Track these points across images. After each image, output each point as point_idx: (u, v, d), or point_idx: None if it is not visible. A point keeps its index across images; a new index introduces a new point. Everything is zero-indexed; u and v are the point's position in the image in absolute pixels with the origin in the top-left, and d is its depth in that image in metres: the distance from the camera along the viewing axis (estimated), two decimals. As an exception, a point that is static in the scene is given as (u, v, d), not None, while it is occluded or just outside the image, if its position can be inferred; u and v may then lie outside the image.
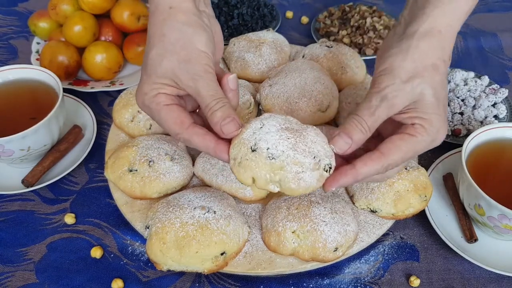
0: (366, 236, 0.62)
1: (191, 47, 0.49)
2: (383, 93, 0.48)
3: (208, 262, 0.56)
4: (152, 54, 0.50)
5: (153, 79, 0.50)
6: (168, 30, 0.50)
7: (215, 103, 0.48)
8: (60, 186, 0.74)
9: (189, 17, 0.50)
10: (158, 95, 0.50)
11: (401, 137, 0.49)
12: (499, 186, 0.62)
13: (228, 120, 0.48)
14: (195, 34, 0.50)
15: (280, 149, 0.47)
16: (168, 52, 0.49)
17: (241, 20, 1.00)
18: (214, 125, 0.48)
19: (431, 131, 0.48)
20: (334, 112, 0.73)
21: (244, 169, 0.48)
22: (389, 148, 0.48)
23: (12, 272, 0.64)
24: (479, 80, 0.85)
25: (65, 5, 0.90)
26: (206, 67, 0.49)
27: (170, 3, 0.50)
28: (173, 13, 0.50)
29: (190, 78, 0.49)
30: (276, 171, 0.47)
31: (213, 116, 0.48)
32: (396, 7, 1.09)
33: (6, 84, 0.75)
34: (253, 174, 0.47)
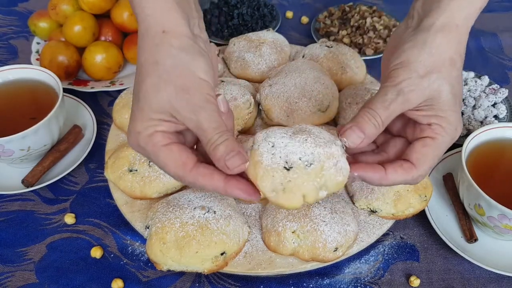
0: (366, 236, 0.62)
1: (189, 75, 0.44)
2: (399, 87, 0.46)
3: (208, 262, 0.56)
4: (145, 85, 0.45)
5: (147, 114, 0.45)
6: (162, 57, 0.44)
7: (217, 137, 0.44)
8: (60, 186, 0.74)
9: (184, 42, 0.45)
10: (154, 134, 0.45)
11: (424, 143, 0.47)
12: (499, 186, 0.62)
13: (232, 154, 0.43)
14: (193, 61, 0.45)
15: (309, 152, 0.44)
16: (164, 81, 0.44)
17: (241, 20, 1.00)
18: (217, 161, 0.44)
19: (450, 129, 0.47)
20: (334, 112, 0.73)
21: (293, 193, 0.43)
22: (417, 158, 0.47)
23: (12, 272, 0.64)
24: (479, 80, 0.85)
25: (65, 5, 0.90)
26: (207, 97, 0.45)
27: (163, 27, 0.45)
28: (166, 38, 0.45)
29: (191, 110, 0.44)
30: (320, 174, 0.44)
31: (215, 151, 0.44)
32: (396, 7, 1.09)
33: (6, 84, 0.75)
34: (303, 192, 0.44)
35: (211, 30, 1.01)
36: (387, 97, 0.46)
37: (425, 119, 0.47)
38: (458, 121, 0.48)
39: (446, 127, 0.47)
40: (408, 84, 0.46)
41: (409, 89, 0.46)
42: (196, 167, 0.45)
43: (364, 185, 0.64)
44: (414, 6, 0.51)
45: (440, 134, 0.47)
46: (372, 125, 0.46)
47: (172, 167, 0.45)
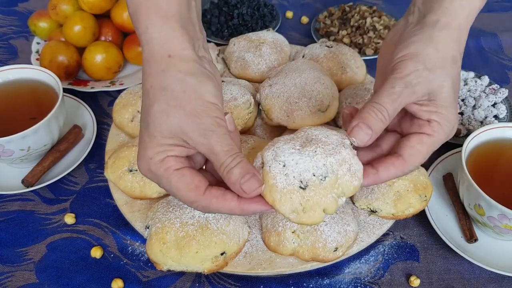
0: (366, 236, 0.62)
1: (198, 99, 0.44)
2: (408, 79, 0.46)
3: (208, 262, 0.56)
4: (154, 111, 0.44)
5: (158, 140, 0.44)
6: (170, 83, 0.44)
7: (231, 160, 0.43)
8: (60, 186, 0.74)
9: (191, 66, 0.45)
10: (166, 159, 0.44)
11: (420, 139, 0.47)
12: (499, 186, 0.62)
13: (247, 177, 0.43)
14: (201, 84, 0.44)
15: (320, 165, 0.44)
16: (173, 107, 0.43)
17: (241, 20, 1.00)
18: (232, 184, 0.43)
19: (447, 127, 0.48)
20: (334, 112, 0.73)
21: (313, 210, 0.44)
22: (410, 154, 0.47)
23: (12, 272, 0.64)
24: (479, 80, 0.85)
25: (65, 5, 0.90)
26: (218, 120, 0.44)
27: (168, 51, 0.44)
28: (172, 63, 0.44)
29: (201, 134, 0.43)
30: (335, 185, 0.44)
31: (230, 174, 0.43)
32: (396, 7, 1.09)
33: (6, 84, 0.75)
34: (323, 207, 0.44)
35: (211, 30, 1.01)
36: (394, 89, 0.46)
37: (426, 114, 0.47)
38: (455, 119, 0.48)
39: (444, 125, 0.47)
40: (416, 76, 0.46)
41: (416, 81, 0.46)
42: (209, 189, 0.45)
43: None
44: (415, 2, 0.52)
45: (437, 131, 0.47)
46: (379, 120, 0.46)
47: (185, 190, 0.44)
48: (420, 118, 0.48)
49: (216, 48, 0.88)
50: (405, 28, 0.51)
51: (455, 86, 0.48)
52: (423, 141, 0.47)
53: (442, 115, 0.47)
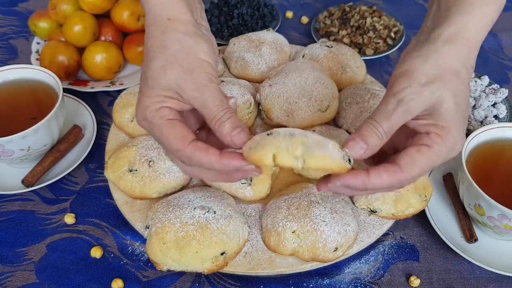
0: (366, 236, 0.62)
1: (193, 57, 0.48)
2: (400, 96, 0.45)
3: (208, 262, 0.56)
4: (153, 66, 0.48)
5: (156, 91, 0.48)
6: (169, 41, 0.48)
7: (222, 113, 0.46)
8: (60, 186, 0.74)
9: (188, 28, 0.49)
10: (161, 109, 0.48)
11: (418, 149, 0.45)
12: (499, 186, 0.62)
13: (238, 130, 0.46)
14: (196, 44, 0.49)
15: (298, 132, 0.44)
16: (170, 63, 0.47)
17: (241, 20, 1.00)
18: (224, 136, 0.46)
19: (448, 141, 0.45)
20: (334, 112, 0.73)
21: (263, 148, 0.43)
22: (406, 162, 0.45)
23: (12, 272, 0.64)
24: (479, 80, 0.85)
25: (65, 5, 0.90)
26: (210, 77, 0.48)
27: (168, 15, 0.49)
28: (172, 25, 0.49)
29: (195, 89, 0.47)
30: (297, 144, 0.43)
31: (222, 127, 0.46)
32: (396, 7, 1.09)
33: (6, 84, 0.75)
34: (274, 150, 0.43)
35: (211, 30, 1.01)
36: (388, 107, 0.46)
37: (424, 127, 0.46)
38: (458, 134, 0.46)
39: (444, 137, 0.45)
40: (409, 93, 0.45)
41: (409, 98, 0.45)
42: (195, 142, 0.47)
43: (364, 185, 0.64)
44: (425, 23, 0.51)
45: (436, 143, 0.45)
46: (375, 135, 0.46)
47: (173, 139, 0.47)
48: (419, 132, 0.47)
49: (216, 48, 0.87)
50: (413, 47, 0.50)
51: (458, 100, 0.45)
52: (422, 151, 0.45)
53: (442, 128, 0.45)
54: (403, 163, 0.45)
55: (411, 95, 0.45)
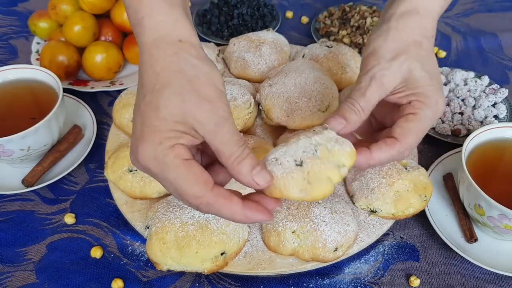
0: (366, 236, 0.62)
1: (211, 86, 0.42)
2: (371, 74, 0.48)
3: (208, 262, 0.56)
4: (167, 94, 0.41)
5: (169, 124, 0.41)
6: (185, 66, 0.42)
7: (241, 150, 0.41)
8: (60, 186, 0.74)
9: (200, 53, 0.44)
10: (176, 147, 0.41)
11: (406, 118, 0.48)
12: (499, 186, 0.62)
13: (259, 169, 0.41)
14: (213, 72, 0.43)
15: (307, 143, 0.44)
16: (187, 91, 0.41)
17: (241, 20, 1.00)
18: (243, 176, 0.41)
19: (430, 103, 0.48)
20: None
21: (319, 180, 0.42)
22: (400, 132, 0.47)
23: (12, 272, 0.64)
24: (479, 80, 0.85)
25: (65, 5, 0.90)
26: (229, 109, 0.43)
27: (178, 36, 0.43)
28: (184, 48, 0.43)
29: (216, 123, 0.41)
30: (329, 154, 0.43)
31: (241, 166, 0.41)
32: (396, 7, 1.09)
33: (6, 84, 0.75)
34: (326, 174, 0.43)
35: (211, 30, 1.01)
36: (361, 85, 0.49)
37: (404, 99, 0.49)
38: (438, 94, 0.49)
39: (424, 101, 0.48)
40: (379, 69, 0.48)
41: (380, 74, 0.48)
42: (217, 187, 0.42)
43: (364, 185, 0.64)
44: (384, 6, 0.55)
45: (420, 108, 0.48)
46: (352, 112, 0.48)
47: (193, 183, 0.41)
48: (401, 103, 0.49)
49: (216, 48, 0.88)
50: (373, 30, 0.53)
51: (426, 67, 0.49)
52: (409, 119, 0.48)
53: (419, 94, 0.48)
54: (397, 134, 0.48)
55: (381, 71, 0.48)
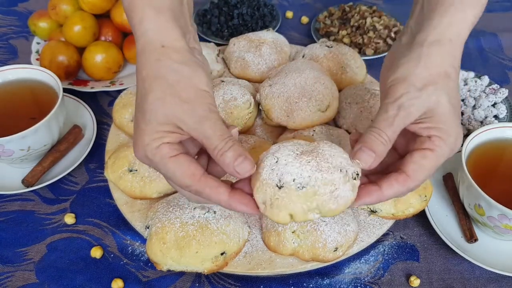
0: (366, 236, 0.62)
1: (191, 88, 0.46)
2: (399, 102, 0.46)
3: (208, 262, 0.56)
4: (150, 99, 0.46)
5: (154, 126, 0.46)
6: (165, 72, 0.46)
7: (223, 143, 0.45)
8: (60, 186, 0.74)
9: (184, 56, 0.47)
10: (161, 147, 0.46)
11: (423, 154, 0.47)
12: (499, 186, 0.62)
13: (240, 160, 0.45)
14: (194, 73, 0.46)
15: (305, 175, 0.45)
16: (169, 95, 0.45)
17: (241, 20, 1.00)
18: (226, 166, 0.45)
19: (450, 141, 0.47)
20: (334, 112, 0.73)
21: (278, 209, 0.45)
22: (414, 169, 0.47)
23: (12, 272, 0.64)
24: (479, 80, 0.85)
25: (65, 5, 0.90)
26: (211, 107, 0.46)
27: (162, 42, 0.46)
28: (166, 52, 0.46)
29: (196, 121, 0.45)
30: (310, 198, 0.45)
31: (224, 157, 0.45)
32: (396, 7, 1.09)
33: (6, 84, 0.75)
34: (289, 211, 0.45)
35: (211, 30, 1.01)
36: (388, 114, 0.47)
37: (425, 131, 0.47)
38: (458, 131, 0.48)
39: (446, 139, 0.47)
40: (408, 98, 0.46)
41: (409, 103, 0.46)
42: (205, 177, 0.46)
43: (364, 185, 0.64)
44: (408, 23, 0.52)
45: (439, 146, 0.47)
46: (380, 143, 0.46)
47: (181, 176, 0.46)
48: (421, 135, 0.48)
49: (216, 48, 0.88)
50: (398, 49, 0.52)
51: (452, 101, 0.47)
52: (426, 156, 0.47)
53: (442, 130, 0.47)
54: (410, 171, 0.47)
55: (410, 100, 0.46)
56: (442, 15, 0.48)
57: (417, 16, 0.51)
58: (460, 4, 0.48)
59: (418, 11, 0.51)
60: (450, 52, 0.48)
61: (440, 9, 0.48)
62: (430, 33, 0.48)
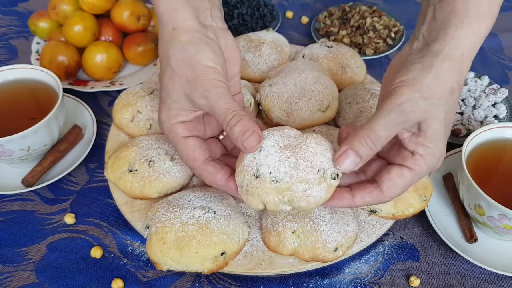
0: (366, 236, 0.62)
1: (196, 65, 0.49)
2: (403, 107, 0.46)
3: (208, 262, 0.56)
4: (164, 79, 0.51)
5: (168, 104, 0.51)
6: (173, 52, 0.50)
7: (231, 116, 0.47)
8: (60, 186, 0.74)
9: (191, 35, 0.50)
10: (175, 126, 0.51)
11: (401, 173, 0.48)
12: (499, 186, 0.62)
13: (247, 134, 0.46)
14: (199, 51, 0.49)
15: (282, 170, 0.47)
16: (177, 75, 0.49)
17: (241, 20, 1.00)
18: (235, 141, 0.47)
19: (431, 162, 0.48)
20: (334, 112, 0.73)
21: (252, 196, 0.48)
22: (388, 186, 0.48)
23: (12, 272, 0.64)
24: (479, 80, 0.85)
25: (65, 5, 0.90)
26: (215, 82, 0.49)
27: (173, 24, 0.50)
28: (175, 34, 0.50)
29: (201, 96, 0.48)
30: (283, 192, 0.47)
31: (232, 132, 0.47)
32: (396, 7, 1.09)
33: (6, 84, 0.75)
34: (262, 200, 0.48)
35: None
36: (390, 117, 0.46)
37: (412, 145, 0.48)
38: (441, 154, 0.48)
39: (428, 160, 0.47)
40: (411, 105, 0.46)
41: (411, 109, 0.46)
42: (205, 164, 0.51)
43: (364, 185, 0.64)
44: (420, 29, 0.51)
45: (419, 165, 0.47)
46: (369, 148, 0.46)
47: (185, 157, 0.52)
48: (406, 148, 0.48)
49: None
50: (409, 53, 0.51)
51: (447, 119, 0.48)
52: (403, 175, 0.48)
53: (428, 149, 0.47)
54: (385, 187, 0.48)
55: (413, 106, 0.46)
56: (458, 27, 0.48)
57: (429, 22, 0.50)
58: (475, 16, 0.48)
59: (430, 17, 0.50)
60: (460, 67, 0.48)
61: (455, 20, 0.48)
62: (446, 45, 0.48)
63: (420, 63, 0.48)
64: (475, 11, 0.48)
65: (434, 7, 0.50)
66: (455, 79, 0.48)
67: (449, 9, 0.48)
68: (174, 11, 0.50)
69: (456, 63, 0.48)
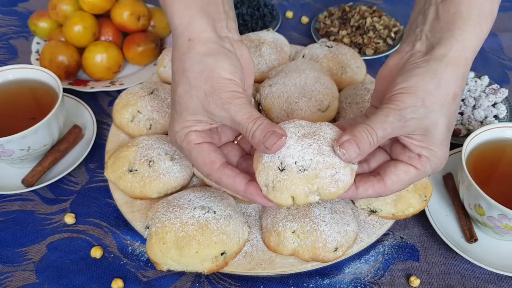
0: (366, 236, 0.62)
1: (215, 78, 0.48)
2: (403, 113, 0.46)
3: (208, 262, 0.56)
4: (179, 91, 0.49)
5: (184, 117, 0.50)
6: (189, 65, 0.49)
7: (252, 124, 0.46)
8: (60, 186, 0.74)
9: (209, 47, 0.49)
10: (189, 134, 0.50)
11: (407, 170, 0.49)
12: (499, 186, 0.62)
13: (268, 135, 0.45)
14: (217, 63, 0.48)
15: (307, 158, 0.46)
16: (194, 88, 0.48)
17: (241, 20, 1.00)
18: (257, 146, 0.46)
19: (435, 163, 0.49)
20: (334, 112, 0.73)
21: (280, 192, 0.47)
22: (392, 181, 0.49)
23: (12, 272, 0.64)
24: (479, 80, 0.85)
25: (65, 5, 0.90)
26: (234, 93, 0.48)
27: (189, 35, 0.49)
28: (192, 46, 0.49)
29: (221, 109, 0.47)
30: (312, 181, 0.46)
31: (253, 138, 0.46)
32: (396, 7, 1.09)
33: (6, 84, 0.75)
34: (291, 193, 0.47)
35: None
36: (388, 119, 0.46)
37: (417, 149, 0.48)
38: (445, 157, 0.49)
39: (433, 161, 0.48)
40: (412, 112, 0.46)
41: (410, 117, 0.46)
42: (223, 167, 0.49)
43: (364, 185, 0.64)
44: (422, 29, 0.51)
45: (424, 166, 0.48)
46: (368, 143, 0.46)
47: (201, 164, 0.50)
48: (411, 150, 0.49)
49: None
50: (411, 55, 0.50)
51: (450, 124, 0.48)
52: (409, 172, 0.49)
53: (433, 152, 0.48)
54: (389, 181, 0.49)
55: (413, 114, 0.46)
56: (463, 29, 0.48)
57: (432, 22, 0.50)
58: (478, 18, 0.48)
59: (432, 17, 0.50)
60: (463, 72, 0.48)
61: (459, 22, 0.48)
62: (451, 48, 0.48)
63: (424, 68, 0.47)
64: (478, 13, 0.48)
65: (436, 7, 0.50)
66: (458, 85, 0.48)
67: (453, 10, 0.48)
68: (190, 21, 0.49)
69: (460, 68, 0.48)
